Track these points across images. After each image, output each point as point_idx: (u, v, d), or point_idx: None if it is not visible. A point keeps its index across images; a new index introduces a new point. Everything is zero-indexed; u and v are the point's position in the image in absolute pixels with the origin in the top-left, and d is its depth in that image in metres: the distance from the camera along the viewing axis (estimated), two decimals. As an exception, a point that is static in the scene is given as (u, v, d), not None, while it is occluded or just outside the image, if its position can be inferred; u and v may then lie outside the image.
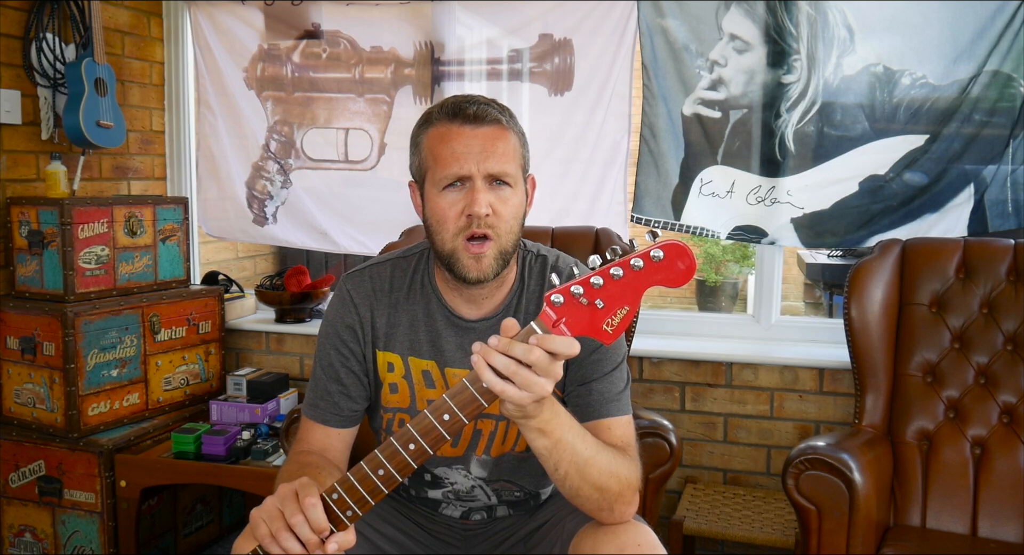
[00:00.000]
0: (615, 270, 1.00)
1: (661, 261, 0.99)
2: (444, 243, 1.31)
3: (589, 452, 1.19)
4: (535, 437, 1.14)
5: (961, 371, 2.08)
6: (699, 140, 2.53)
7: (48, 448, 2.43)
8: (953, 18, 2.29)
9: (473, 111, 1.30)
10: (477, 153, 1.28)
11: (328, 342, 1.43)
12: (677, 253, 0.99)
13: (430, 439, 1.05)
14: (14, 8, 2.52)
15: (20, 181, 2.57)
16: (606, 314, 1.02)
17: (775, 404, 2.52)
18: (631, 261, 1.00)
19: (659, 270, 1.00)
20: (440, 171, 1.29)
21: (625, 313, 1.02)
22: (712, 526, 2.22)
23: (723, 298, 6.94)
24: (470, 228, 1.28)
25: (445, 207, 1.30)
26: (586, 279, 1.01)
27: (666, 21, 2.50)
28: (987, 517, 1.96)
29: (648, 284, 1.01)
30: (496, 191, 1.30)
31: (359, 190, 2.91)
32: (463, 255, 1.30)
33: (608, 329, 1.03)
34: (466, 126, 1.29)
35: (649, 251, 0.99)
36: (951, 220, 2.36)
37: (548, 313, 1.02)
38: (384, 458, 1.06)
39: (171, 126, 3.11)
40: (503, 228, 1.30)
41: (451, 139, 1.29)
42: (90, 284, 2.45)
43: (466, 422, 1.05)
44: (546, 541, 1.41)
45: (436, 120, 1.33)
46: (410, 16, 2.78)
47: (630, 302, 1.02)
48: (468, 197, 1.28)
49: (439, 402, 1.05)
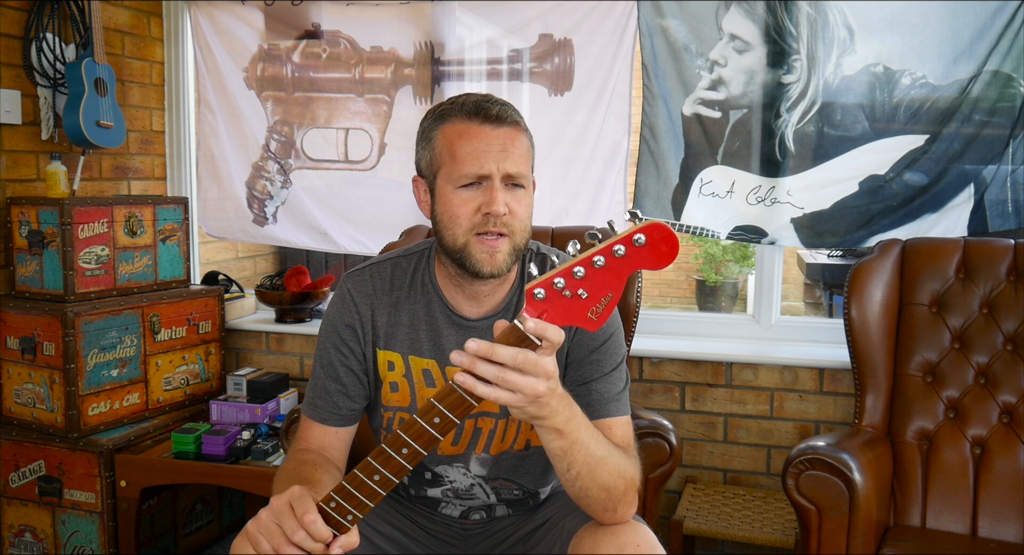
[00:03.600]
0: (597, 258, 0.97)
1: (644, 245, 0.95)
2: (456, 239, 1.31)
3: (602, 453, 1.19)
4: (552, 438, 1.13)
5: (961, 371, 2.08)
6: (699, 140, 2.53)
7: (48, 448, 2.43)
8: (953, 18, 2.29)
9: (496, 111, 1.30)
10: (497, 153, 1.28)
11: (328, 341, 1.43)
12: (660, 236, 0.95)
13: (423, 442, 1.04)
14: (14, 8, 2.52)
15: (20, 181, 2.57)
16: (590, 303, 0.99)
17: (775, 404, 2.52)
18: (613, 248, 0.96)
19: (642, 254, 0.96)
20: (459, 169, 1.29)
21: (609, 300, 0.99)
22: (712, 526, 2.22)
23: (723, 298, 6.94)
24: (485, 226, 1.28)
25: (460, 204, 1.29)
26: (568, 269, 0.98)
27: (666, 21, 2.50)
28: (987, 517, 1.96)
29: (632, 269, 0.97)
30: (511, 192, 1.30)
31: (359, 190, 2.91)
32: (476, 249, 1.29)
33: (593, 317, 1.00)
34: (487, 125, 1.29)
35: (631, 236, 0.96)
36: (951, 220, 2.36)
37: (531, 308, 1.00)
38: (378, 464, 1.06)
39: (171, 126, 3.11)
40: (518, 227, 1.31)
41: (471, 137, 1.29)
42: (90, 284, 2.45)
43: (457, 423, 1.04)
44: (546, 541, 1.41)
45: (453, 117, 1.32)
46: (410, 16, 2.78)
47: (614, 289, 0.99)
48: (485, 196, 1.28)
49: (428, 406, 1.03)
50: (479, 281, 1.34)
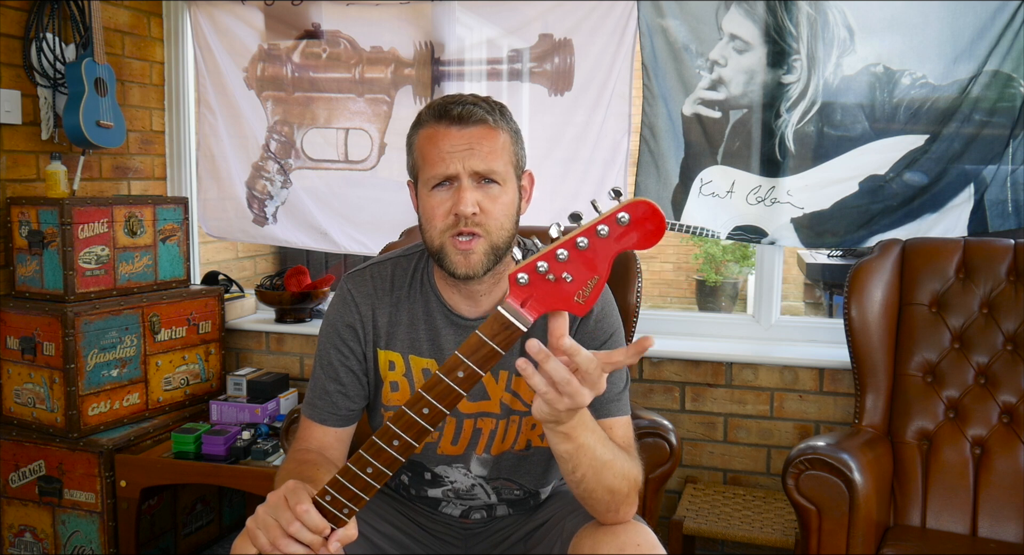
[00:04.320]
0: (581, 239, 0.93)
1: (628, 224, 0.91)
2: (433, 240, 1.33)
3: (608, 455, 1.19)
4: (560, 440, 1.13)
5: (961, 371, 2.08)
6: (699, 140, 2.53)
7: (48, 448, 2.43)
8: (953, 18, 2.29)
9: (458, 112, 1.30)
10: (462, 152, 1.29)
11: (328, 341, 1.44)
12: (645, 214, 0.91)
13: (413, 433, 1.04)
14: (14, 8, 2.52)
15: (20, 181, 2.57)
16: (576, 287, 0.95)
17: (775, 404, 2.52)
18: (597, 227, 0.92)
19: (627, 234, 0.92)
20: (428, 171, 1.31)
21: (596, 283, 0.95)
22: (712, 526, 2.22)
23: (723, 298, 6.94)
24: (457, 226, 1.29)
25: (434, 205, 1.31)
26: (550, 252, 0.94)
27: (666, 21, 2.50)
28: (987, 517, 1.96)
29: (618, 250, 0.93)
30: (484, 189, 1.30)
31: (359, 190, 2.91)
32: (451, 251, 1.30)
33: (580, 301, 0.96)
34: (452, 127, 1.30)
35: (615, 215, 0.91)
36: (951, 220, 2.36)
37: (514, 294, 0.97)
38: (370, 456, 1.05)
39: (171, 126, 3.11)
40: (493, 225, 1.30)
41: (438, 140, 1.30)
42: (90, 284, 2.45)
43: (447, 413, 1.03)
44: (546, 541, 1.41)
45: (425, 121, 1.34)
46: (410, 16, 2.78)
47: (600, 272, 0.95)
48: (455, 196, 1.29)
49: (416, 397, 1.03)
50: (469, 282, 1.34)
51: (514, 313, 0.98)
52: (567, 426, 1.10)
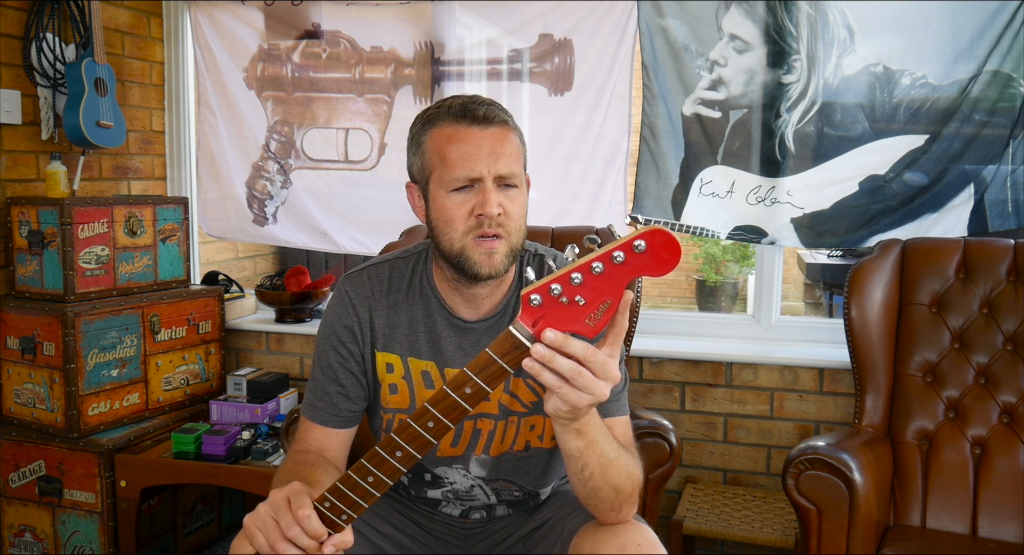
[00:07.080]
0: (596, 265, 0.93)
1: (644, 252, 0.91)
2: (452, 243, 1.30)
3: (614, 454, 1.19)
4: (571, 438, 1.13)
5: (961, 371, 2.08)
6: (699, 140, 2.53)
7: (48, 448, 2.43)
8: (953, 18, 2.29)
9: (483, 112, 1.29)
10: (487, 154, 1.27)
11: (327, 343, 1.43)
12: (661, 243, 0.91)
13: (417, 445, 1.04)
14: (14, 8, 2.52)
15: (20, 181, 2.57)
16: (588, 310, 0.96)
17: (775, 404, 2.52)
18: (612, 254, 0.92)
19: (642, 261, 0.92)
20: (450, 173, 1.28)
21: (608, 306, 0.96)
22: (712, 526, 2.22)
23: (723, 298, 6.94)
24: (480, 228, 1.28)
25: (453, 207, 1.29)
26: (565, 275, 0.94)
27: (666, 21, 2.50)
28: (987, 517, 1.96)
29: (631, 276, 0.94)
30: (504, 192, 1.30)
31: (359, 190, 2.91)
32: (474, 252, 1.29)
33: (590, 323, 0.97)
34: (475, 127, 1.29)
35: (631, 242, 0.91)
36: (951, 220, 2.36)
37: (526, 314, 0.97)
38: (372, 466, 1.05)
39: (171, 126, 3.11)
40: (513, 227, 1.30)
41: (460, 140, 1.28)
42: (90, 284, 2.45)
43: (452, 427, 1.03)
44: (546, 541, 1.41)
45: (441, 120, 1.31)
46: (410, 16, 2.78)
47: (612, 295, 0.96)
48: (478, 198, 1.27)
49: (422, 410, 1.02)
50: (477, 284, 1.34)
51: (525, 334, 0.98)
52: (581, 422, 1.11)
